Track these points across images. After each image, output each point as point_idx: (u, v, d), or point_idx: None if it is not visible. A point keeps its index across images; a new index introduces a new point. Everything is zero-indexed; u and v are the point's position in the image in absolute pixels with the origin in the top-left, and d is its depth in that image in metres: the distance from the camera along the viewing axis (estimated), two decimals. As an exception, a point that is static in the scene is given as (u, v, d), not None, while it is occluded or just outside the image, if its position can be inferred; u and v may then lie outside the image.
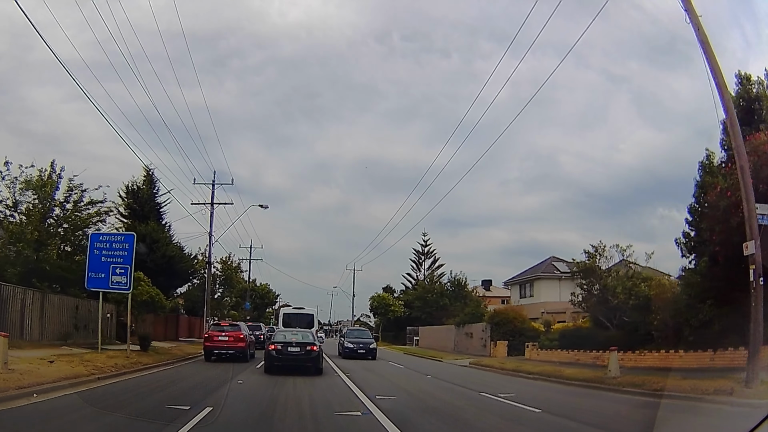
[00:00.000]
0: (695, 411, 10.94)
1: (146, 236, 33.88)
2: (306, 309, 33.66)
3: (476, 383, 18.02)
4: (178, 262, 34.11)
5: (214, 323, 28.44)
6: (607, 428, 10.07)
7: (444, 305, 56.04)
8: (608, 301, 25.54)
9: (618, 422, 10.91)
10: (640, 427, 9.83)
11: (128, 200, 37.05)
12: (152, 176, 37.80)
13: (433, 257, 67.53)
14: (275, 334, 20.92)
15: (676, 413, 10.91)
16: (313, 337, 20.20)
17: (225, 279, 38.17)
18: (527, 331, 34.84)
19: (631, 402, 13.47)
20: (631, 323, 23.85)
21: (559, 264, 50.90)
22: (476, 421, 10.55)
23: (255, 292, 61.94)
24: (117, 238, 20.55)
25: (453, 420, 10.53)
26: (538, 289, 47.72)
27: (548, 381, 19.37)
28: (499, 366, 25.07)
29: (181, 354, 23.77)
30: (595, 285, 26.08)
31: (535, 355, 30.44)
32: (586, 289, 26.80)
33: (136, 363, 18.24)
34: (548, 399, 14.14)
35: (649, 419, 9.70)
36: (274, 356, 18.63)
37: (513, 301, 51.50)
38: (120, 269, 19.88)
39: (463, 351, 38.75)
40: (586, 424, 10.23)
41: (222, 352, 22.69)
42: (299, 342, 19.04)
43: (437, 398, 13.94)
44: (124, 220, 36.86)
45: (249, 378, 16.86)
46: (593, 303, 26.48)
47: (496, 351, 34.55)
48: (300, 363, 18.52)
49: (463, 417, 10.95)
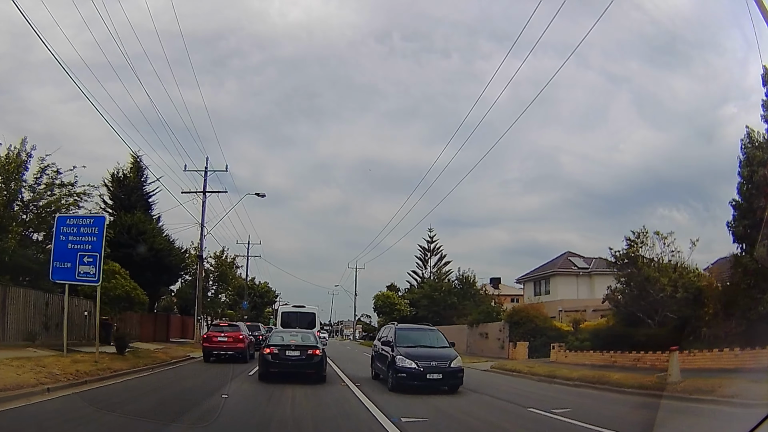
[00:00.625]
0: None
1: (131, 227, 31.00)
2: (307, 307, 30.42)
3: (514, 394, 15.05)
4: (166, 255, 31.08)
5: (213, 324, 27.25)
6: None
7: (452, 304, 53.00)
8: (650, 295, 22.63)
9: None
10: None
11: (113, 189, 34.04)
12: (140, 164, 34.81)
13: (439, 254, 64.46)
14: (271, 336, 17.80)
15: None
16: (315, 339, 17.22)
17: (219, 275, 34.96)
18: (548, 331, 31.86)
19: (722, 415, 10.45)
20: (677, 319, 21.00)
21: (575, 259, 48.03)
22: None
23: (253, 291, 58.91)
24: (85, 221, 17.46)
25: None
26: (554, 285, 44.56)
27: (595, 388, 16.39)
28: (528, 370, 22.02)
29: (165, 358, 20.70)
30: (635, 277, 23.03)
31: (563, 357, 27.43)
32: (625, 282, 23.77)
33: (104, 369, 15.20)
34: (617, 416, 11.08)
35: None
36: (269, 361, 15.77)
37: (526, 299, 48.33)
38: (88, 258, 16.82)
39: (478, 353, 35.66)
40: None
41: (221, 353, 21.97)
42: (299, 345, 16.22)
43: (479, 419, 10.86)
44: (108, 210, 33.86)
45: (238, 390, 13.81)
46: (632, 297, 23.47)
47: (515, 353, 31.52)
48: (300, 369, 15.75)
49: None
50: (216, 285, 35.73)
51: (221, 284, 35.66)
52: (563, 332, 31.35)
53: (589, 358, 25.27)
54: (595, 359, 24.50)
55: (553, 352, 28.50)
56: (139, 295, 19.93)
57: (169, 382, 14.93)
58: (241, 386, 14.36)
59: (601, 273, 46.17)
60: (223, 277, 35.10)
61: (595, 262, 47.88)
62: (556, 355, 28.23)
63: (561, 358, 27.53)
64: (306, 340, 16.83)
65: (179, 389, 13.51)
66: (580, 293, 45.67)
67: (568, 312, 39.10)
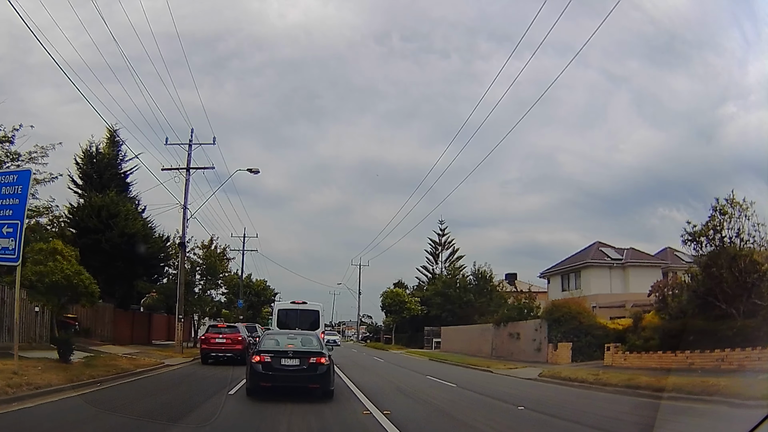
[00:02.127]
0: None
1: (101, 209, 26.17)
2: (309, 304, 25.13)
3: (608, 420, 10.23)
4: (141, 242, 26.18)
5: (211, 325, 25.49)
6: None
7: (468, 301, 48.18)
8: (737, 279, 18.03)
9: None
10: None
11: (85, 167, 29.20)
12: (116, 138, 29.98)
13: (451, 248, 59.43)
14: (263, 339, 13.18)
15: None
16: (319, 344, 12.69)
17: (207, 268, 30.01)
18: (594, 330, 27.00)
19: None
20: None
21: (607, 250, 43.21)
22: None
23: (250, 289, 53.96)
24: (5, 178, 12.62)
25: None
26: (586, 279, 39.71)
27: (708, 402, 11.40)
28: (594, 379, 17.14)
29: (127, 367, 15.74)
30: (720, 256, 18.36)
31: (621, 360, 22.62)
32: (705, 263, 19.09)
33: (19, 386, 10.38)
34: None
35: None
36: (260, 373, 11.27)
37: (551, 296, 43.49)
38: (7, 228, 12.05)
39: (506, 356, 30.82)
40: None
41: (219, 354, 21.35)
42: (299, 351, 11.95)
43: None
44: (77, 190, 29.05)
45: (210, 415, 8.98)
46: (714, 282, 18.81)
47: (556, 356, 26.67)
48: (300, 383, 11.39)
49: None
50: (204, 280, 30.65)
51: (210, 279, 30.59)
52: (609, 330, 26.62)
53: (656, 360, 20.73)
54: (665, 361, 19.96)
55: (608, 354, 23.66)
56: (84, 281, 14.97)
57: (109, 407, 10.02)
58: (217, 412, 9.48)
59: (636, 264, 41.74)
60: (212, 270, 30.05)
61: (628, 252, 43.35)
62: (611, 357, 23.40)
63: (619, 362, 22.74)
64: (308, 344, 12.58)
65: (116, 422, 8.64)
66: (614, 287, 41.00)
67: (602, 308, 34.34)
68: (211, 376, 15.89)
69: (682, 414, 10.66)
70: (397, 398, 12.44)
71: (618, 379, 16.39)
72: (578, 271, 41.26)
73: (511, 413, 11.26)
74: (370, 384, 15.42)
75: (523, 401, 12.97)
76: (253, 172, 26.51)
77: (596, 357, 26.16)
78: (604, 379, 17.07)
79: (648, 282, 39.43)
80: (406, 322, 55.44)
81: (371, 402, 11.45)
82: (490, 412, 11.24)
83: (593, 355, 26.38)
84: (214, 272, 30.25)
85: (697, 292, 21.14)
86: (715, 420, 10.16)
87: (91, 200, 26.77)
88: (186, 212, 25.92)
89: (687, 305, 21.90)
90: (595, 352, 26.50)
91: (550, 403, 13.00)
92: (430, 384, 16.90)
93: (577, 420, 10.54)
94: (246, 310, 51.32)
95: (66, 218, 27.26)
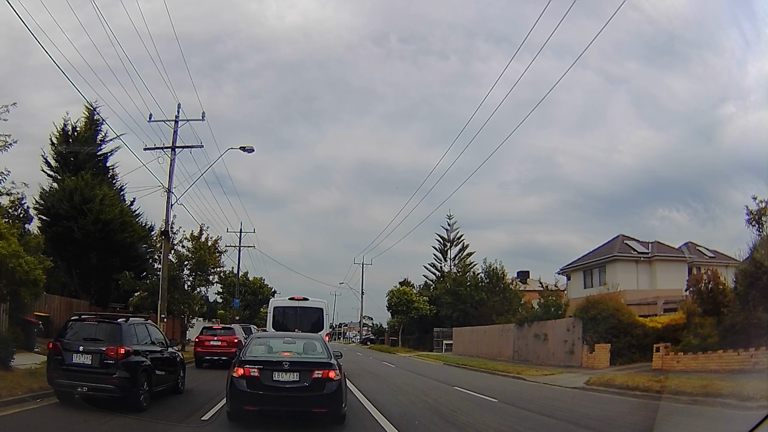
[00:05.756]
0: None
1: (74, 193, 22.95)
2: (311, 301, 21.62)
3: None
4: (118, 231, 22.96)
5: (205, 326, 23.86)
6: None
7: (481, 300, 44.91)
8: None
9: None
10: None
11: (59, 146, 26.00)
12: (95, 117, 26.82)
13: (461, 244, 56.08)
14: (249, 344, 9.46)
15: None
16: (326, 350, 9.28)
17: (196, 263, 26.74)
18: (633, 328, 23.80)
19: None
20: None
21: (632, 243, 39.96)
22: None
23: (246, 288, 50.72)
24: None
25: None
26: (612, 274, 36.38)
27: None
28: (660, 387, 13.91)
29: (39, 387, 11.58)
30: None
31: (673, 363, 19.44)
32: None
33: None
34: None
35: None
36: (245, 392, 7.97)
37: (572, 294, 40.25)
38: None
39: (532, 360, 27.59)
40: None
41: (215, 358, 19.94)
42: (298, 362, 8.64)
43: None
44: (51, 173, 25.88)
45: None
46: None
47: (593, 359, 23.44)
48: (300, 406, 8.11)
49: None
50: (193, 276, 27.39)
51: (200, 274, 27.33)
52: (648, 329, 23.51)
53: (716, 361, 17.72)
54: (726, 362, 17.15)
55: (657, 356, 20.44)
56: (24, 266, 11.67)
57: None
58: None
59: (663, 259, 38.55)
60: (202, 264, 26.80)
61: (654, 246, 40.19)
62: (661, 360, 20.19)
63: (671, 364, 19.55)
64: (310, 351, 9.36)
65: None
66: (641, 283, 37.79)
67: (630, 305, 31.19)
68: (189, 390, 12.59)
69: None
70: (436, 427, 9.12)
71: (690, 387, 13.21)
72: (603, 266, 38.02)
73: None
74: (391, 401, 12.13)
75: (602, 424, 9.80)
76: (247, 150, 23.22)
77: (636, 359, 23.05)
78: (673, 387, 13.87)
79: (675, 277, 36.46)
80: (414, 323, 52.11)
81: (390, 423, 8.25)
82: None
83: (633, 358, 23.25)
84: (204, 267, 26.97)
85: (759, 281, 18.11)
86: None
87: (63, 183, 23.58)
88: (170, 197, 22.69)
89: (745, 296, 18.97)
90: (635, 354, 23.38)
91: (638, 424, 9.81)
92: (465, 398, 13.58)
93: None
94: (243, 310, 48.06)
95: (37, 204, 24.17)
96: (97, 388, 9.04)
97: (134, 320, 10.59)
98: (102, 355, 9.11)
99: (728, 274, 25.13)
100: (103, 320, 10.07)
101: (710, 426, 9.99)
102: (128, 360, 9.23)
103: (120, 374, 9.03)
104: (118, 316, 10.61)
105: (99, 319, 10.19)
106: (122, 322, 9.92)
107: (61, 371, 9.44)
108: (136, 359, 9.53)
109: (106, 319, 10.23)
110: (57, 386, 9.71)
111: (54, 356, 9.71)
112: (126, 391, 9.10)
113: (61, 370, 9.45)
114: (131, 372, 9.21)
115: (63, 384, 9.47)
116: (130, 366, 9.25)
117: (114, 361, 9.06)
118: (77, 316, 10.41)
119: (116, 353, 9.08)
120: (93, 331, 9.72)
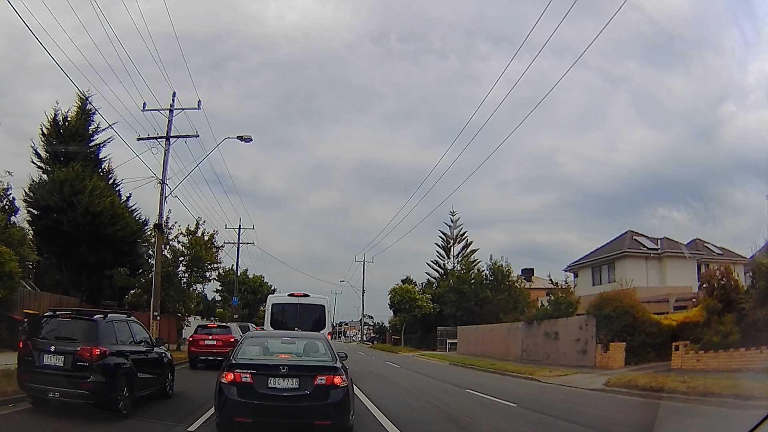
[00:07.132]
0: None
1: (63, 184, 21.94)
2: (312, 297, 20.39)
3: None
4: (109, 223, 21.91)
5: (200, 325, 22.82)
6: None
7: (485, 298, 43.89)
8: None
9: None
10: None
11: (50, 138, 24.99)
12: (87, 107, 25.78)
13: (464, 241, 55.02)
14: (241, 345, 8.13)
15: None
16: (330, 352, 8.05)
17: (192, 259, 25.67)
18: (648, 326, 22.80)
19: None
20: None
21: (642, 239, 38.90)
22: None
23: (245, 286, 49.69)
24: None
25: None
26: (622, 270, 35.26)
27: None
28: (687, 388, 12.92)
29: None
30: None
31: (694, 362, 18.54)
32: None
33: None
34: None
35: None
36: (235, 401, 6.83)
37: (580, 291, 39.17)
38: None
39: (542, 360, 26.55)
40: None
41: (210, 358, 19.10)
42: (298, 365, 7.51)
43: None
44: (41, 165, 24.86)
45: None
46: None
47: (607, 358, 22.45)
48: (299, 417, 6.90)
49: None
50: (189, 272, 26.35)
51: (195, 270, 26.30)
52: (663, 327, 22.56)
53: (738, 359, 16.98)
54: (748, 360, 16.45)
55: (676, 354, 19.49)
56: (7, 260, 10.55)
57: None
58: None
59: (673, 255, 37.47)
60: (198, 260, 25.77)
61: (663, 242, 39.13)
62: (681, 358, 19.22)
63: (691, 363, 18.61)
64: (312, 352, 8.15)
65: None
66: (651, 280, 36.74)
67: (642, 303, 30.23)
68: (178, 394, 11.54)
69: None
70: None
71: (719, 387, 12.27)
72: (612, 263, 37.00)
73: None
74: (400, 406, 11.06)
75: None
76: (245, 140, 22.20)
77: (651, 359, 22.11)
78: (701, 388, 12.88)
79: (684, 274, 35.52)
80: (417, 322, 51.07)
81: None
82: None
83: (648, 357, 22.32)
84: (199, 262, 25.93)
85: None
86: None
87: (53, 174, 22.57)
88: (164, 188, 21.67)
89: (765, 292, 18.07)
90: (649, 353, 22.44)
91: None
92: (480, 403, 12.50)
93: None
94: (241, 308, 47.02)
95: (27, 197, 23.19)
96: (69, 394, 7.98)
97: (114, 317, 9.54)
98: (74, 356, 8.06)
99: (737, 271, 24.45)
100: (79, 317, 8.98)
101: None
102: (105, 362, 8.18)
103: (95, 378, 7.98)
104: (95, 313, 9.50)
105: (74, 315, 9.10)
106: (99, 319, 8.87)
107: (32, 374, 8.41)
108: (115, 361, 8.49)
109: (82, 315, 9.15)
110: (28, 390, 8.69)
111: (24, 357, 8.69)
112: (102, 397, 8.04)
113: (31, 373, 8.43)
114: (108, 375, 8.16)
115: (33, 388, 8.45)
116: (107, 368, 8.20)
117: (88, 363, 8.01)
118: (51, 311, 9.36)
119: (91, 354, 8.02)
120: (67, 329, 8.65)
